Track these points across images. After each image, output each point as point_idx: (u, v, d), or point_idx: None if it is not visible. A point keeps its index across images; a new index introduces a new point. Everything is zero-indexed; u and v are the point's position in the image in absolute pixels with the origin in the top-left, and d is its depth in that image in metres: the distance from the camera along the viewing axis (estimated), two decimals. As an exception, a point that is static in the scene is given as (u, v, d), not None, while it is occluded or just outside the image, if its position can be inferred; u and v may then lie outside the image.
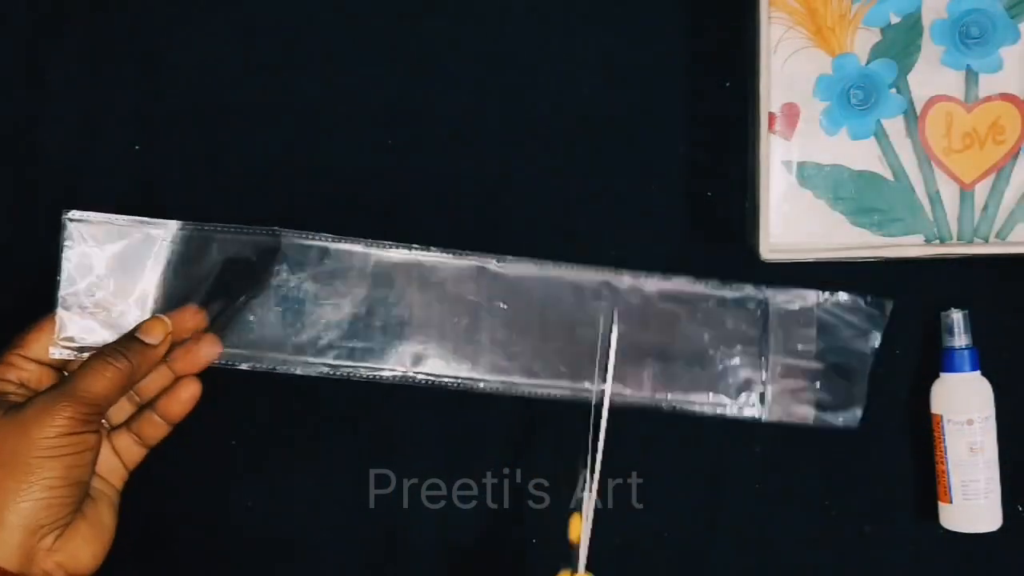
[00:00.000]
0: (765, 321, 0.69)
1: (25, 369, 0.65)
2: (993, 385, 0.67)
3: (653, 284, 0.69)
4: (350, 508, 0.71)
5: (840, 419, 0.69)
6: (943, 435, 0.67)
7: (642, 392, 0.69)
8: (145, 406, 0.68)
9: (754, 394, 0.69)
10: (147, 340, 0.65)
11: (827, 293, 0.69)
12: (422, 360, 0.69)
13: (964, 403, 0.67)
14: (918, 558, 0.70)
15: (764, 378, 0.69)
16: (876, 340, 0.69)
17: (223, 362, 0.68)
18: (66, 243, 0.68)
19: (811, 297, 0.69)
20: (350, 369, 0.69)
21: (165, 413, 0.67)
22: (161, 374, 0.68)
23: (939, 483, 0.68)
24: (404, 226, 0.70)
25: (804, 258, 0.67)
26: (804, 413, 0.69)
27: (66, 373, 0.67)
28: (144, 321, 0.67)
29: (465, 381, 0.69)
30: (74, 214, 0.68)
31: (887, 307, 0.69)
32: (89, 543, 0.63)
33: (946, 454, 0.67)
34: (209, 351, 0.68)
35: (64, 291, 0.67)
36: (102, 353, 0.64)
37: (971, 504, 0.67)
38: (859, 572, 0.71)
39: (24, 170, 0.72)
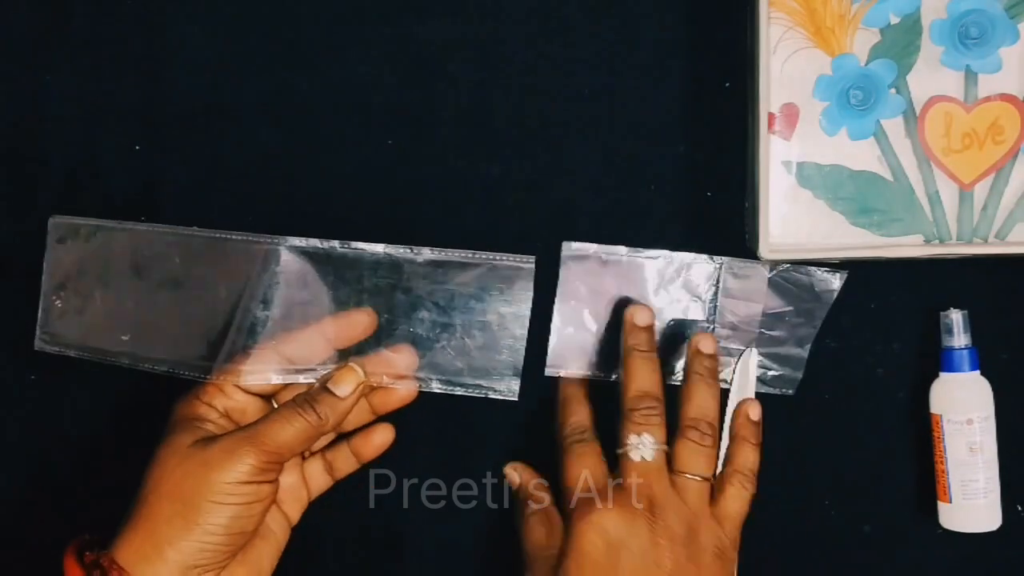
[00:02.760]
0: (716, 290, 0.69)
1: (233, 399, 0.64)
2: (993, 385, 0.67)
3: (604, 254, 0.69)
4: (350, 508, 0.71)
5: (779, 387, 0.69)
6: (943, 435, 0.67)
7: (583, 368, 0.69)
8: (342, 436, 0.68)
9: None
10: (338, 392, 0.63)
11: (781, 265, 0.69)
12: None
13: (963, 403, 0.67)
14: (918, 558, 0.70)
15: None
16: (824, 310, 0.68)
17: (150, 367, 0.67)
18: (52, 244, 0.68)
19: (764, 267, 0.69)
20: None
21: (357, 451, 0.67)
22: (362, 408, 0.67)
23: (938, 483, 0.68)
24: (405, 225, 0.71)
25: (804, 258, 0.67)
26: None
27: (275, 404, 0.65)
28: (335, 371, 0.64)
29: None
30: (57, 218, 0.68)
31: (840, 278, 0.68)
32: None
33: (945, 454, 0.67)
34: (404, 396, 0.67)
35: (46, 287, 0.68)
36: (293, 403, 0.62)
37: (970, 504, 0.67)
38: (859, 572, 0.71)
39: (25, 170, 0.72)
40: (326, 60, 0.71)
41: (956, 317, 0.68)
